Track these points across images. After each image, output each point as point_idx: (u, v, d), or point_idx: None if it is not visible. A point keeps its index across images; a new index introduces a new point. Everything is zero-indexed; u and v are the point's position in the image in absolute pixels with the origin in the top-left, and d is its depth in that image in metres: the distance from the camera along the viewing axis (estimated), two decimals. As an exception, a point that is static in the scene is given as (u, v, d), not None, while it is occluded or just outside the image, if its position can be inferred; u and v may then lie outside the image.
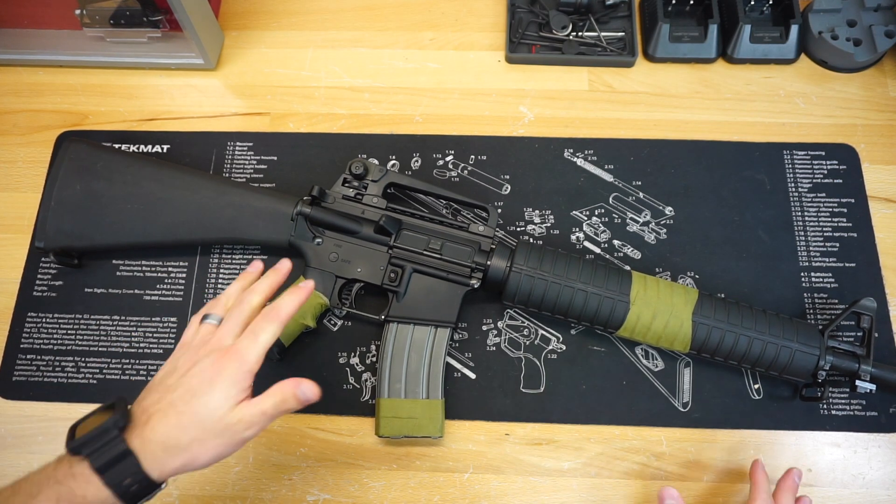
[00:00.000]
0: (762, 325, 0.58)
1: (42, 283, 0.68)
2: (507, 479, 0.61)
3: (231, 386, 0.44)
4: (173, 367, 0.47)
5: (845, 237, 0.68)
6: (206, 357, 0.46)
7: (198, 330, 0.49)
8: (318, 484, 0.61)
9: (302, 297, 0.49)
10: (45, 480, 0.41)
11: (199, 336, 0.48)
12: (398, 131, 0.74)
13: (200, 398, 0.44)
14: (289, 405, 0.46)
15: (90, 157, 0.65)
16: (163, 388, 0.45)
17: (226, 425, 0.44)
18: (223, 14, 0.80)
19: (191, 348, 0.47)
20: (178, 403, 0.44)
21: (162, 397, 0.44)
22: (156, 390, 0.45)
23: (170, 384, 0.45)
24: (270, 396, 0.46)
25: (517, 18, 0.78)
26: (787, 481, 0.57)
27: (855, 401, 0.63)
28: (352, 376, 0.64)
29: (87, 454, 0.41)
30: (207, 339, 0.47)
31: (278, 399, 0.46)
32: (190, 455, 0.43)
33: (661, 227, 0.69)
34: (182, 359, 0.47)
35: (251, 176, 0.72)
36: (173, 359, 0.48)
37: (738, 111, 0.74)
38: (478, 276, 0.61)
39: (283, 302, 0.48)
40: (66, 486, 0.40)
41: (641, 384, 0.64)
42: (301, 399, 0.47)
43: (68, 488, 0.40)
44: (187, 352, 0.47)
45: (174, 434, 0.43)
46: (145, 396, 0.45)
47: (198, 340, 0.48)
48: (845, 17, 0.75)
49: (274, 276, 0.51)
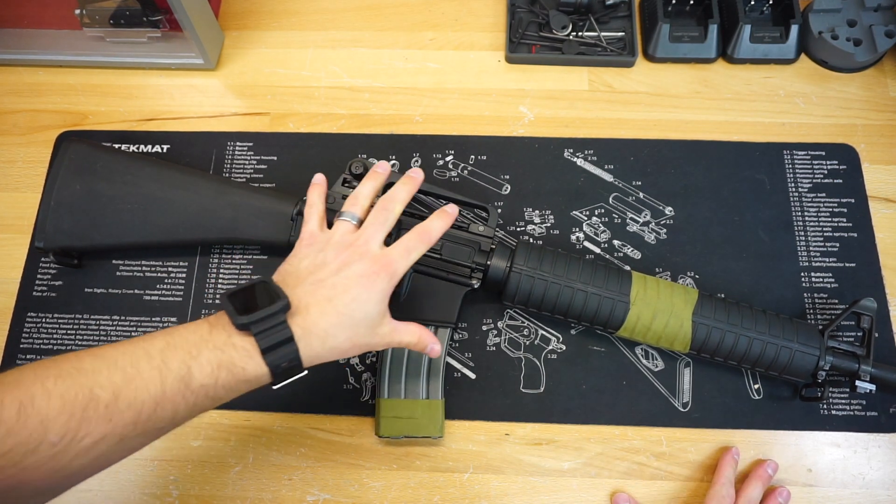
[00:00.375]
0: (762, 325, 0.58)
1: (42, 283, 0.68)
2: (507, 479, 0.61)
3: (384, 298, 0.48)
4: (322, 261, 0.48)
5: (845, 237, 0.68)
6: (358, 261, 0.48)
7: (336, 225, 0.51)
8: (318, 484, 0.61)
9: (449, 221, 0.52)
10: (202, 344, 0.42)
11: (339, 233, 0.50)
12: (398, 131, 0.74)
13: (359, 304, 0.46)
14: (417, 348, 0.51)
15: (90, 157, 0.65)
16: (315, 280, 0.47)
17: (373, 334, 0.48)
18: (223, 14, 0.80)
19: (334, 245, 0.49)
20: (336, 302, 0.46)
21: (317, 289, 0.46)
22: (307, 281, 0.47)
23: (322, 279, 0.47)
24: (411, 335, 0.50)
25: (517, 18, 0.78)
26: (758, 470, 0.58)
27: (855, 401, 0.63)
28: (352, 376, 0.64)
29: (255, 333, 0.43)
30: (350, 239, 0.49)
31: (414, 340, 0.51)
32: (338, 350, 0.47)
33: (661, 227, 0.69)
34: (330, 253, 0.48)
35: (251, 176, 0.72)
36: (314, 249, 0.49)
37: (738, 111, 0.74)
38: (478, 276, 0.61)
39: (434, 225, 0.51)
40: (227, 355, 0.42)
41: (641, 384, 0.64)
42: (427, 352, 0.52)
43: (229, 357, 0.42)
44: (331, 247, 0.49)
45: (332, 331, 0.46)
46: (295, 284, 0.47)
47: (338, 237, 0.49)
48: (845, 17, 0.75)
49: (412, 185, 0.53)
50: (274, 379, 0.45)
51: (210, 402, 0.43)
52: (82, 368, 0.39)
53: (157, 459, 0.62)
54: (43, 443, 0.36)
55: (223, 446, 0.62)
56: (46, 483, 0.38)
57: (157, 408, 0.40)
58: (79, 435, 0.37)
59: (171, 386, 0.41)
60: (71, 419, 0.37)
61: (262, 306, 0.43)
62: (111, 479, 0.61)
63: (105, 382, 0.39)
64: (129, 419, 0.39)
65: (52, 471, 0.37)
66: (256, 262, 0.68)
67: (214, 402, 0.43)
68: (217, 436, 0.63)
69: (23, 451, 0.36)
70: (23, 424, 0.36)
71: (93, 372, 0.39)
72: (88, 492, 0.61)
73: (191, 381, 0.41)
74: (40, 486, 0.38)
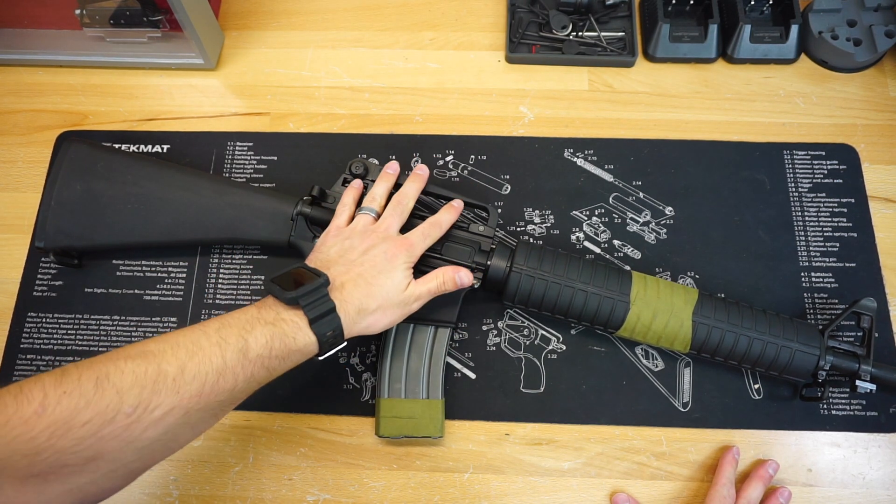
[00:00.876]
0: (762, 325, 0.58)
1: (42, 283, 0.68)
2: (507, 479, 0.61)
3: (406, 268, 0.55)
4: (349, 246, 0.55)
5: (845, 237, 0.68)
6: (382, 242, 0.55)
7: (358, 219, 0.58)
8: (318, 484, 0.61)
9: (455, 214, 0.60)
10: (254, 321, 0.47)
11: (362, 224, 0.57)
12: (398, 131, 0.74)
13: (385, 274, 0.53)
14: (447, 287, 0.57)
15: (90, 158, 0.65)
16: (346, 261, 0.54)
17: (403, 298, 0.54)
18: (223, 14, 0.80)
19: (359, 233, 0.56)
20: (365, 275, 0.53)
21: (349, 269, 0.53)
22: (339, 263, 0.54)
23: (353, 259, 0.54)
24: (434, 278, 0.56)
25: (517, 18, 0.78)
26: (758, 471, 0.59)
27: (855, 401, 0.63)
28: (352, 376, 0.64)
29: (303, 305, 0.48)
30: (371, 228, 0.57)
31: (440, 280, 0.56)
32: (373, 319, 0.52)
33: (661, 227, 0.69)
34: (356, 240, 0.55)
35: (251, 176, 0.72)
36: (341, 238, 0.56)
37: (738, 111, 0.74)
38: (478, 276, 0.61)
39: (444, 217, 0.59)
40: (279, 328, 0.47)
41: (641, 384, 0.64)
42: (457, 283, 0.57)
43: (280, 329, 0.47)
44: (357, 235, 0.56)
45: (365, 300, 0.52)
46: (328, 266, 0.53)
47: (361, 227, 0.57)
48: (845, 17, 0.75)
49: (420, 181, 0.62)
50: (320, 349, 0.49)
51: (265, 372, 0.47)
52: (148, 351, 0.43)
53: (157, 459, 0.62)
54: (119, 413, 0.40)
55: (223, 446, 0.62)
56: (122, 455, 0.41)
57: (220, 378, 0.44)
58: (151, 406, 0.41)
59: (230, 357, 0.45)
60: (143, 390, 0.41)
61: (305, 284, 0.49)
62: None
63: (171, 359, 0.43)
64: (195, 390, 0.43)
65: (126, 442, 0.40)
66: (256, 262, 0.68)
67: (269, 372, 0.47)
68: (217, 436, 0.63)
69: (101, 422, 0.39)
70: (101, 396, 0.40)
71: (159, 353, 0.43)
72: (88, 492, 0.61)
73: (248, 352, 0.45)
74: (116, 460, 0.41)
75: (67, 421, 0.38)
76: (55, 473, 0.39)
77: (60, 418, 0.38)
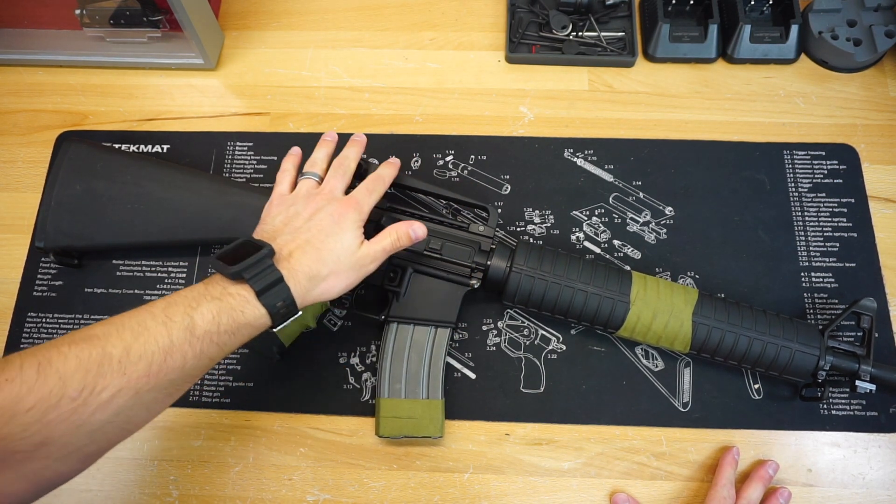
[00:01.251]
0: (762, 325, 0.58)
1: (42, 283, 0.68)
2: (507, 479, 0.61)
3: (356, 228, 0.53)
4: (294, 213, 0.54)
5: (845, 237, 0.68)
6: (328, 204, 0.54)
7: (301, 184, 0.57)
8: (318, 484, 0.61)
9: (395, 169, 0.60)
10: (200, 297, 0.46)
11: (305, 188, 0.56)
12: (398, 131, 0.74)
13: (334, 237, 0.52)
14: (402, 242, 0.56)
15: (90, 158, 0.65)
16: (292, 229, 0.52)
17: (356, 259, 0.52)
18: (223, 14, 0.80)
19: (302, 198, 0.55)
20: (314, 241, 0.51)
21: (295, 237, 0.51)
22: (284, 231, 0.52)
23: (298, 226, 0.52)
24: (388, 235, 0.55)
25: (517, 18, 0.78)
26: (758, 471, 0.59)
27: (855, 401, 0.63)
28: (352, 376, 0.64)
29: (248, 278, 0.47)
30: (315, 191, 0.56)
31: (394, 237, 0.55)
32: (327, 285, 0.51)
33: (661, 227, 0.69)
34: (300, 206, 0.54)
35: (251, 176, 0.72)
36: (285, 206, 0.55)
37: (738, 111, 0.74)
38: (478, 276, 0.61)
39: (385, 171, 0.59)
40: (226, 303, 0.46)
41: (641, 384, 0.64)
42: (412, 237, 0.56)
43: (227, 304, 0.46)
44: (300, 201, 0.54)
45: (315, 266, 0.50)
46: (274, 237, 0.52)
47: (304, 192, 0.55)
48: (845, 17, 0.75)
49: (359, 147, 0.61)
50: (273, 320, 0.48)
51: (216, 349, 0.46)
52: (93, 335, 0.43)
53: (157, 459, 0.62)
54: (63, 397, 0.39)
55: (223, 446, 0.62)
56: (72, 439, 0.40)
57: (167, 357, 0.43)
58: (96, 388, 0.40)
59: (177, 335, 0.44)
60: (87, 374, 0.40)
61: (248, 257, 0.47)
62: (111, 479, 0.61)
63: (116, 342, 0.42)
64: (142, 371, 0.42)
65: (75, 426, 0.40)
66: (256, 262, 0.68)
67: (220, 348, 0.46)
68: (217, 436, 0.63)
69: (44, 407, 0.39)
70: (43, 381, 0.39)
71: (103, 336, 0.43)
72: (88, 492, 0.61)
73: (195, 329, 0.44)
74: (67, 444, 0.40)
75: (11, 408, 0.38)
76: (6, 461, 0.39)
77: (3, 405, 0.38)
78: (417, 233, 0.56)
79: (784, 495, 0.59)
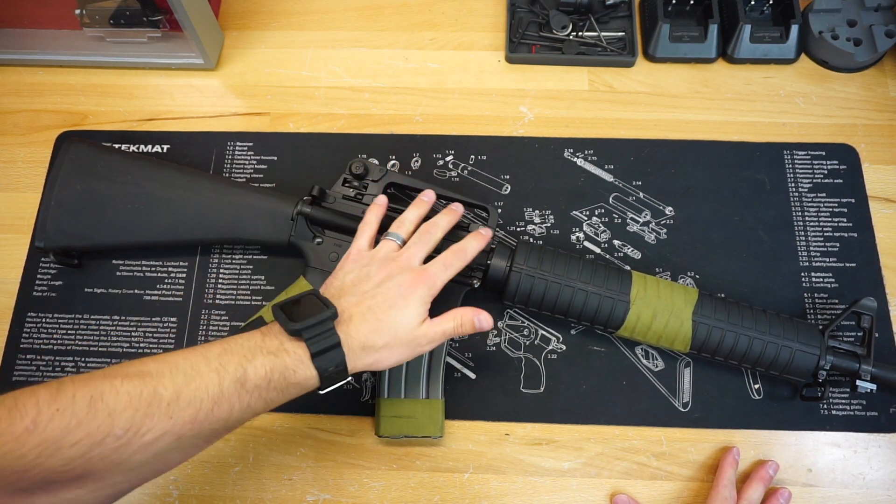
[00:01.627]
0: (762, 324, 0.58)
1: (42, 283, 0.68)
2: (507, 479, 0.61)
3: (421, 304, 0.51)
4: (366, 275, 0.52)
5: (845, 237, 0.68)
6: (399, 273, 0.52)
7: (382, 244, 0.55)
8: (318, 484, 0.61)
9: (483, 242, 0.57)
10: (256, 350, 0.46)
11: (384, 251, 0.54)
12: (398, 131, 0.74)
13: (397, 310, 0.50)
14: (465, 329, 0.53)
15: (90, 157, 0.65)
16: (358, 292, 0.51)
17: (413, 337, 0.50)
18: (223, 14, 0.80)
19: (378, 260, 0.53)
20: (376, 310, 0.49)
21: (360, 301, 0.50)
22: (351, 293, 0.51)
23: (366, 290, 0.51)
24: (451, 319, 0.52)
25: (517, 18, 0.78)
26: (759, 472, 0.59)
27: (855, 401, 0.63)
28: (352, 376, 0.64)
29: (306, 339, 0.46)
30: (393, 255, 0.54)
31: (458, 322, 0.52)
32: (378, 356, 0.49)
33: (661, 227, 0.69)
34: (374, 268, 0.52)
35: (251, 176, 0.72)
36: (359, 264, 0.53)
37: (738, 111, 0.74)
38: (478, 276, 0.61)
39: (470, 245, 0.56)
40: (280, 359, 0.45)
41: (641, 384, 0.64)
42: (477, 326, 0.53)
43: (282, 361, 0.46)
44: (376, 263, 0.53)
45: (372, 337, 0.49)
46: (340, 296, 0.51)
47: (383, 254, 0.54)
48: (845, 16, 0.75)
49: (453, 216, 0.58)
50: (321, 383, 0.47)
51: (262, 403, 0.46)
52: (146, 371, 0.42)
53: (157, 459, 0.62)
54: (109, 435, 0.39)
55: (223, 446, 0.62)
56: (109, 476, 0.40)
57: (215, 407, 0.43)
58: (142, 430, 0.40)
59: (228, 386, 0.43)
60: (136, 413, 0.40)
61: (311, 315, 0.47)
62: (111, 479, 0.61)
63: (168, 383, 0.42)
64: (189, 417, 0.42)
65: (114, 463, 0.40)
66: (256, 262, 0.68)
67: (266, 404, 0.46)
68: (217, 436, 0.63)
69: (90, 443, 0.38)
70: (93, 416, 0.39)
71: (157, 374, 0.42)
72: (88, 492, 0.61)
73: (246, 382, 0.44)
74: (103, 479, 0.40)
75: (57, 440, 0.38)
76: (43, 489, 0.38)
77: (51, 437, 0.37)
78: (483, 324, 0.53)
79: (784, 495, 0.59)
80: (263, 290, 0.67)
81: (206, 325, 0.66)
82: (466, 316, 0.53)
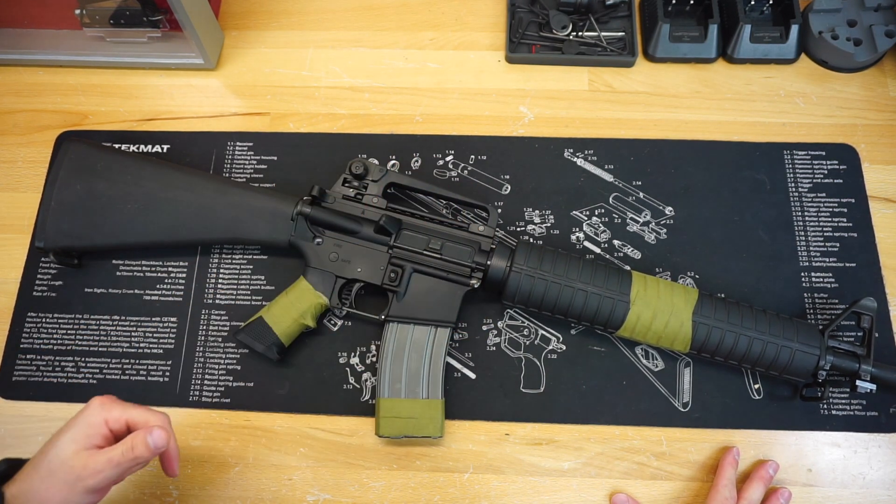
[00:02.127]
0: (762, 324, 0.58)
1: (42, 283, 0.68)
2: (507, 479, 0.61)
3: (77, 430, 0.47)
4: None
5: (845, 237, 0.68)
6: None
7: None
8: (318, 484, 0.61)
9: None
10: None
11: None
12: (398, 131, 0.74)
13: (51, 443, 0.47)
14: (138, 451, 0.47)
15: (90, 157, 0.65)
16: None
17: (69, 469, 0.45)
18: (223, 14, 0.80)
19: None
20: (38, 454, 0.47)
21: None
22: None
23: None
24: (120, 444, 0.47)
25: (517, 18, 0.78)
26: (759, 471, 0.59)
27: (855, 401, 0.63)
28: (352, 376, 0.64)
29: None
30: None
31: (127, 446, 0.47)
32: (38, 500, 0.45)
33: (661, 227, 0.69)
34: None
35: (251, 176, 0.72)
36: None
37: (738, 111, 0.74)
38: (478, 276, 0.61)
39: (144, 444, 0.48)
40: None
41: (641, 384, 0.64)
42: (151, 446, 0.47)
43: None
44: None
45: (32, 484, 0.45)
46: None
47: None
48: (845, 17, 0.75)
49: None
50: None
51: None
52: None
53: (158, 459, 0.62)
54: None
55: (223, 446, 0.62)
56: None
57: None
58: None
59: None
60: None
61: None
62: (111, 479, 0.61)
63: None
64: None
65: None
66: (256, 262, 0.68)
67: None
68: (217, 436, 0.63)
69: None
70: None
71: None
72: (88, 492, 0.61)
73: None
74: None
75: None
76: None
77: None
78: (156, 441, 0.47)
79: (784, 495, 0.59)
80: (263, 290, 0.67)
81: (206, 324, 0.66)
82: (138, 436, 0.47)
